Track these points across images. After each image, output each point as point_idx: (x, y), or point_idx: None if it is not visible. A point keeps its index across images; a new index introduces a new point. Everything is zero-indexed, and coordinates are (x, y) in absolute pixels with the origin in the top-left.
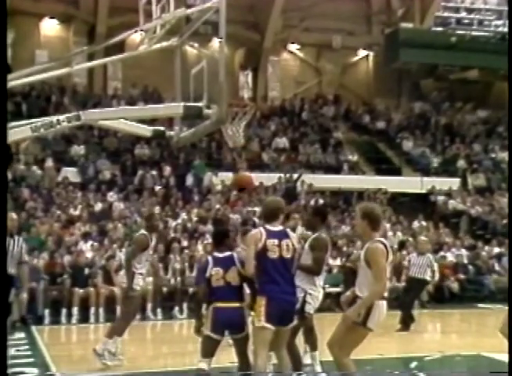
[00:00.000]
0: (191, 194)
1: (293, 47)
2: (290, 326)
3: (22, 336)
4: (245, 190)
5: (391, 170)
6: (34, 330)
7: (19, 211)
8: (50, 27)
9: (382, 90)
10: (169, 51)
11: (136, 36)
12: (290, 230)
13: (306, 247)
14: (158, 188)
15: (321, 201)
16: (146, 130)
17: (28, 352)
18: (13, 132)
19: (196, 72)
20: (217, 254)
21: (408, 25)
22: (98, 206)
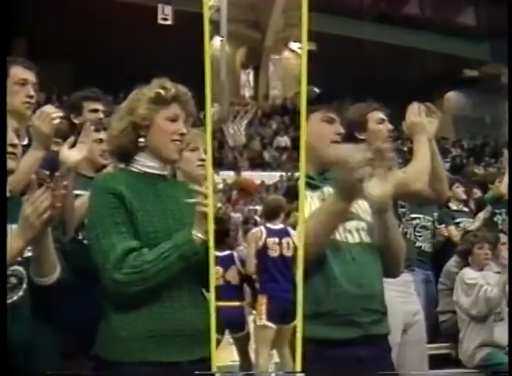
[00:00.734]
0: None
1: (294, 46)
2: (292, 324)
3: None
4: (245, 192)
5: None
6: None
7: None
8: None
9: None
10: None
11: None
12: (291, 228)
13: None
14: None
15: None
16: None
17: None
18: None
19: None
20: (217, 253)
21: None
22: None
